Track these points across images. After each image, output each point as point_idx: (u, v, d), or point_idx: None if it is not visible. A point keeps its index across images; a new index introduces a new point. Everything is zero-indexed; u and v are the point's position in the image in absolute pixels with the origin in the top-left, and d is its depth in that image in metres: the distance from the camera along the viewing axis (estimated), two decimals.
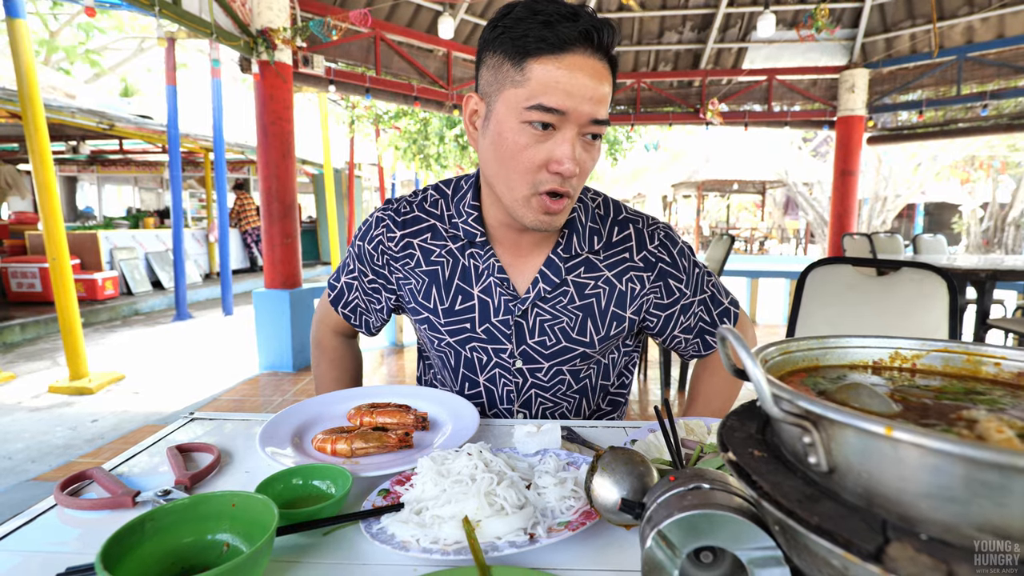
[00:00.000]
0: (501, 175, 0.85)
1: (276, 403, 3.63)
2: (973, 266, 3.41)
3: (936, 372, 0.52)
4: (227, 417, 0.95)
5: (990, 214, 14.64)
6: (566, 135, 0.80)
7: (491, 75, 0.83)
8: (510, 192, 0.85)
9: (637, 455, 0.57)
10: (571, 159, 0.79)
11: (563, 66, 0.77)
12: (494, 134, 0.83)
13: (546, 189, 0.82)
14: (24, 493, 2.48)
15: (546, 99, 0.77)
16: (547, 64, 0.77)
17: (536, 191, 0.83)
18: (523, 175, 0.82)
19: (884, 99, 6.58)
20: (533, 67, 0.78)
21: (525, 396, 1.01)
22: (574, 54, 0.77)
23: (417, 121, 10.29)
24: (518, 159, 0.82)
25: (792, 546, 0.38)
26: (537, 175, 0.82)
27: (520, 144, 0.81)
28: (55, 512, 0.65)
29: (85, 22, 13.17)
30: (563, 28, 0.76)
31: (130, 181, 13.34)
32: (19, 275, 6.57)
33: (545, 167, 0.81)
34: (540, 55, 0.77)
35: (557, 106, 0.77)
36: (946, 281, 1.32)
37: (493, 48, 0.82)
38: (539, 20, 0.77)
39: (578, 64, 0.77)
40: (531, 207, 0.85)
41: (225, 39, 3.83)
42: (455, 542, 0.55)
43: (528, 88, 0.78)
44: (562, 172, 0.80)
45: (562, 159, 0.79)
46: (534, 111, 0.78)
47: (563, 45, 0.77)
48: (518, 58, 0.79)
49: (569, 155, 0.79)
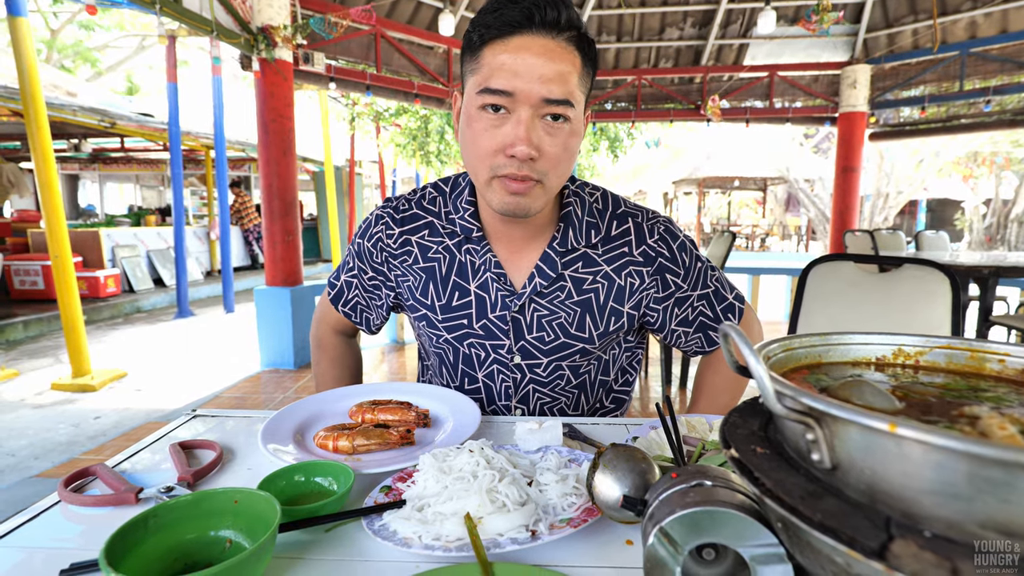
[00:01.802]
0: (469, 163, 0.87)
1: (277, 400, 3.64)
2: (976, 263, 3.40)
3: (939, 369, 0.52)
4: (229, 414, 0.95)
5: (993, 210, 14.60)
6: (520, 117, 0.80)
7: (462, 70, 0.87)
8: (475, 178, 0.88)
9: (639, 452, 0.57)
10: (524, 141, 0.79)
11: (509, 49, 0.79)
12: (462, 125, 0.86)
13: (503, 173, 0.82)
14: (27, 490, 2.49)
15: (492, 82, 0.79)
16: (495, 48, 0.80)
17: (495, 175, 0.84)
18: (482, 159, 0.83)
19: (886, 95, 6.56)
20: (484, 53, 0.81)
21: (523, 392, 1.01)
22: (520, 35, 0.79)
23: (418, 118, 10.28)
24: (477, 144, 0.83)
25: (795, 543, 0.38)
26: (494, 159, 0.82)
27: (477, 130, 0.83)
28: (59, 508, 0.65)
29: (86, 20, 13.15)
30: (507, 11, 0.79)
31: (132, 179, 13.35)
32: (22, 273, 6.58)
33: (502, 151, 0.82)
34: (490, 41, 0.80)
35: (503, 87, 0.79)
36: (949, 278, 1.31)
37: (464, 44, 0.86)
38: (491, 7, 0.80)
39: (524, 45, 0.79)
40: (494, 189, 0.85)
41: (226, 37, 3.83)
42: (457, 539, 0.56)
43: (481, 74, 0.81)
44: (516, 155, 0.80)
45: (514, 141, 0.80)
46: (484, 95, 0.80)
47: (507, 28, 0.79)
48: (474, 48, 0.82)
49: (522, 137, 0.79)
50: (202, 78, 14.73)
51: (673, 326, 1.03)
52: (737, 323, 1.03)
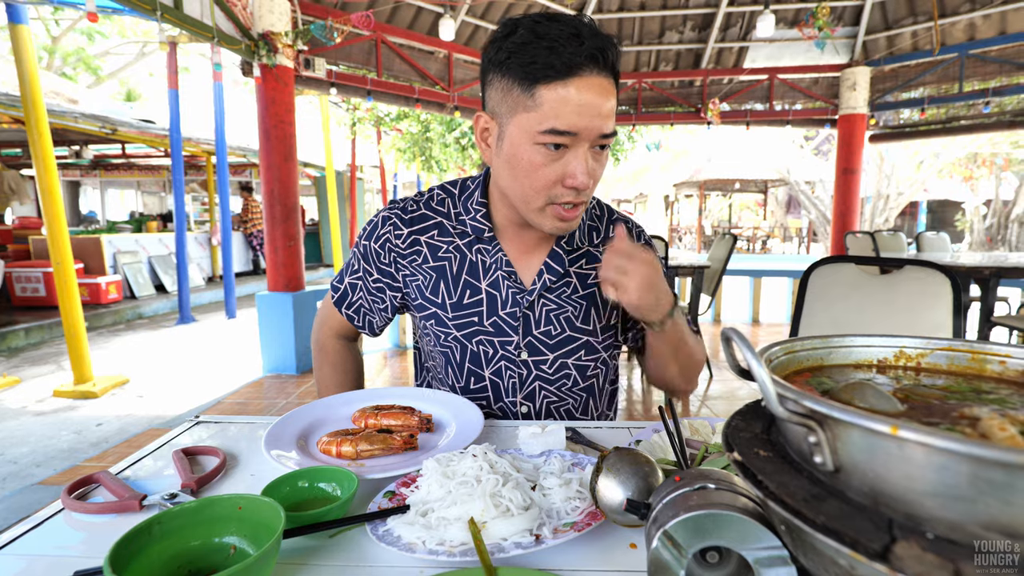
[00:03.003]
0: (517, 190, 0.90)
1: (280, 406, 3.63)
2: (977, 264, 3.40)
3: (941, 371, 0.52)
4: (232, 420, 0.95)
5: (993, 211, 14.59)
6: (578, 152, 0.84)
7: (500, 97, 0.87)
8: (526, 204, 0.91)
9: (642, 456, 0.57)
10: (585, 174, 0.85)
11: (571, 89, 0.80)
12: (508, 155, 0.88)
13: (562, 201, 0.88)
14: (30, 497, 2.49)
15: (558, 123, 0.81)
16: (556, 89, 0.81)
17: (552, 203, 0.88)
18: (539, 191, 0.88)
19: (886, 97, 6.56)
20: (543, 92, 0.81)
21: (529, 388, 1.03)
22: (581, 76, 0.81)
23: (419, 123, 10.30)
24: (534, 177, 0.86)
25: (798, 546, 0.38)
26: (553, 190, 0.87)
27: (536, 163, 0.85)
28: (62, 516, 0.65)
29: (87, 27, 13.21)
30: (568, 53, 0.79)
31: (133, 185, 13.38)
32: (23, 280, 6.59)
33: (560, 182, 0.86)
34: (549, 81, 0.81)
35: (569, 128, 0.81)
36: (950, 279, 1.31)
37: (500, 72, 0.86)
38: (544, 45, 0.80)
39: (585, 85, 0.81)
40: (547, 215, 0.90)
41: (227, 43, 3.84)
42: (461, 543, 0.56)
43: (540, 113, 0.82)
44: (577, 187, 0.85)
45: (576, 174, 0.84)
46: (548, 135, 0.82)
47: (570, 70, 0.80)
48: (527, 84, 0.82)
49: (583, 170, 0.84)
50: (203, 84, 14.80)
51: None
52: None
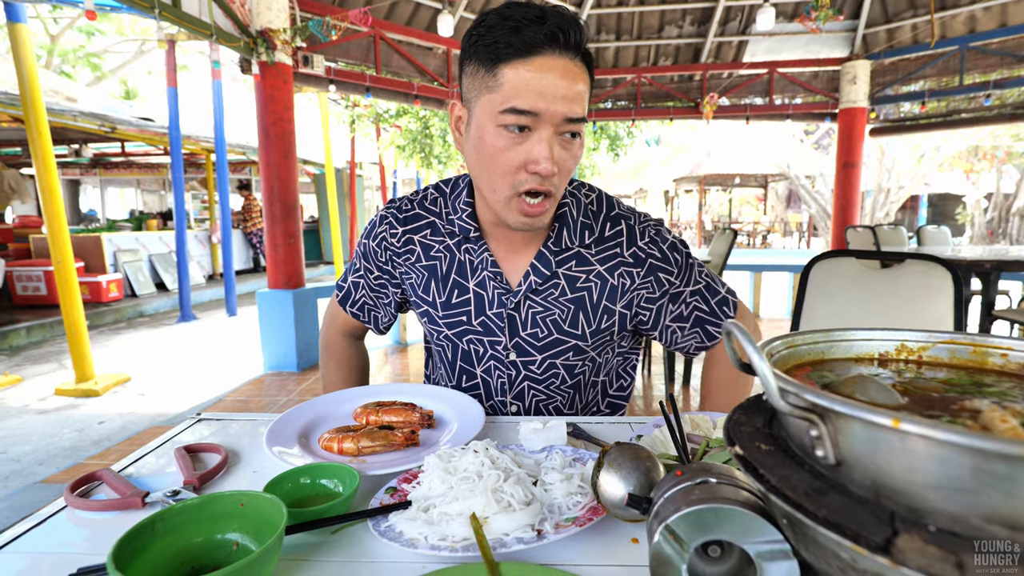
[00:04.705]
0: (484, 177, 0.88)
1: (281, 403, 3.64)
2: (978, 257, 3.39)
3: (943, 364, 0.52)
4: (233, 417, 0.96)
5: (994, 204, 14.55)
6: (542, 135, 0.82)
7: (470, 82, 0.87)
8: (493, 194, 0.88)
9: (643, 450, 0.57)
10: (548, 159, 0.82)
11: (532, 68, 0.79)
12: (475, 139, 0.86)
13: (525, 189, 0.85)
14: (32, 495, 2.50)
15: (518, 102, 0.80)
16: (517, 68, 0.80)
17: (516, 191, 0.86)
18: (503, 177, 0.85)
19: (886, 90, 6.54)
20: (505, 72, 0.80)
21: (518, 388, 1.03)
22: (543, 56, 0.80)
23: (418, 120, 10.28)
24: (497, 162, 0.84)
25: (800, 539, 0.38)
26: (516, 176, 0.85)
27: (498, 147, 0.83)
28: (65, 514, 0.65)
29: (86, 25, 13.18)
30: (530, 32, 0.79)
31: (132, 183, 13.36)
32: (24, 279, 6.59)
33: (524, 168, 0.84)
34: (510, 60, 0.80)
35: (529, 107, 0.80)
36: (951, 272, 1.31)
37: (470, 56, 0.86)
38: (508, 26, 0.80)
39: (547, 65, 0.80)
40: (512, 208, 0.88)
41: (225, 40, 3.83)
42: (463, 539, 0.56)
43: (502, 93, 0.81)
44: (540, 172, 0.83)
45: (539, 159, 0.82)
46: (508, 114, 0.81)
47: (531, 48, 0.79)
48: (490, 64, 0.82)
49: (546, 155, 0.82)
50: (202, 82, 14.75)
51: (668, 322, 1.03)
52: (733, 315, 1.04)
